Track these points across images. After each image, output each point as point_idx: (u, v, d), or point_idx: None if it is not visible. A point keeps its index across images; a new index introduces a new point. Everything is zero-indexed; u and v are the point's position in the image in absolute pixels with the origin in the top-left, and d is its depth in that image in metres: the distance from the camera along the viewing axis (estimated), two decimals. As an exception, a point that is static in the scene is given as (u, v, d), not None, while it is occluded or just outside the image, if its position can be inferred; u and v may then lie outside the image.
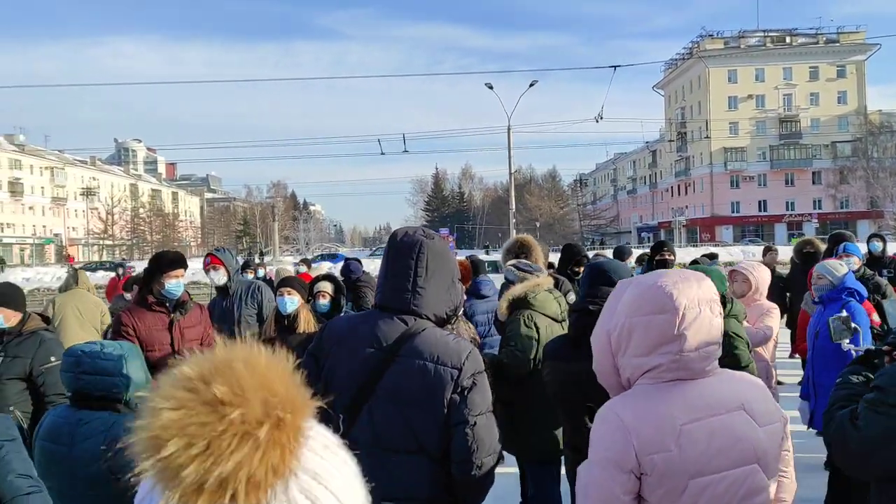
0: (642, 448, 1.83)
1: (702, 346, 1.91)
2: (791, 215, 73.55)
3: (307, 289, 4.78)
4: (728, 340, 4.10)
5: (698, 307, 1.92)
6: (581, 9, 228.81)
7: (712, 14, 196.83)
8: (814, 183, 74.66)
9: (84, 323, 7.26)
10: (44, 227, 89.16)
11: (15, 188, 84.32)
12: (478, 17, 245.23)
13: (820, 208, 73.24)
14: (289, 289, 4.51)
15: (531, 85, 39.79)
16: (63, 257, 79.30)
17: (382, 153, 40.09)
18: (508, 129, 41.91)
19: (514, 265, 4.82)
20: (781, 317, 9.69)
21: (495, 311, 4.93)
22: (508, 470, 3.75)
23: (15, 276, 32.82)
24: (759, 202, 76.01)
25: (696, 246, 55.05)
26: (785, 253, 15.58)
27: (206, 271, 5.75)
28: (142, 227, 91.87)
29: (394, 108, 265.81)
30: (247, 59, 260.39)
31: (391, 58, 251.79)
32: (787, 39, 75.95)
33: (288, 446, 0.88)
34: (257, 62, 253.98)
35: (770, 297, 9.35)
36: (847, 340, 3.68)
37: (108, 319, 7.47)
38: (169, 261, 4.34)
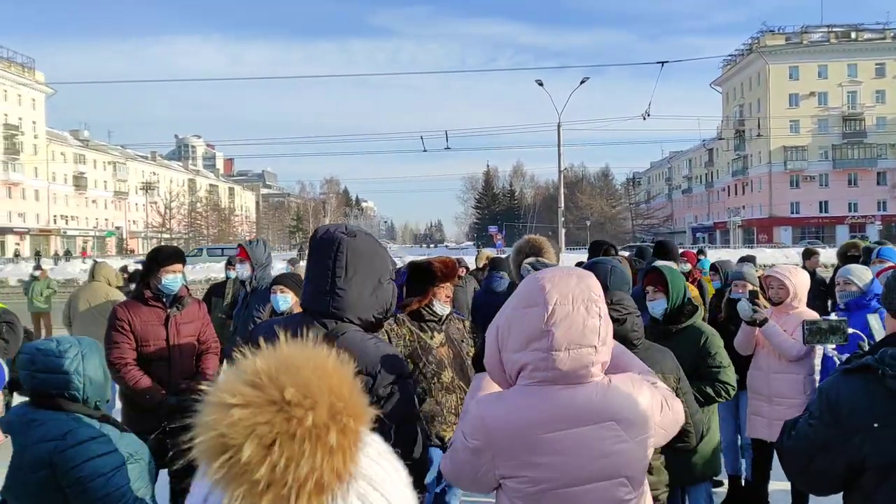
0: (500, 454, 1.81)
1: (572, 346, 1.80)
2: (854, 217, 71.09)
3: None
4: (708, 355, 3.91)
5: (571, 304, 1.82)
6: (639, 5, 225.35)
7: (774, 10, 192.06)
8: (878, 184, 72.03)
9: (97, 317, 7.44)
10: (106, 220, 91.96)
11: (79, 182, 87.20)
12: (534, 13, 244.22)
13: (884, 210, 70.58)
14: (282, 287, 4.46)
15: (582, 82, 39.30)
16: (124, 250, 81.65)
17: (425, 150, 40.12)
18: (559, 127, 41.53)
19: (531, 263, 4.69)
20: (824, 323, 9.31)
21: None
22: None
23: (73, 267, 33.90)
24: (820, 203, 73.65)
25: (752, 247, 53.60)
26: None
27: (237, 262, 5.70)
28: (199, 222, 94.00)
29: (447, 106, 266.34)
30: (304, 57, 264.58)
31: (446, 55, 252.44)
32: (853, 35, 73.33)
33: (350, 451, 0.89)
34: (313, 60, 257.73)
35: (812, 301, 9.07)
36: (832, 346, 3.44)
37: None
38: (166, 255, 4.31)
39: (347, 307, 2.26)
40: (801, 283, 4.87)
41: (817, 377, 4.73)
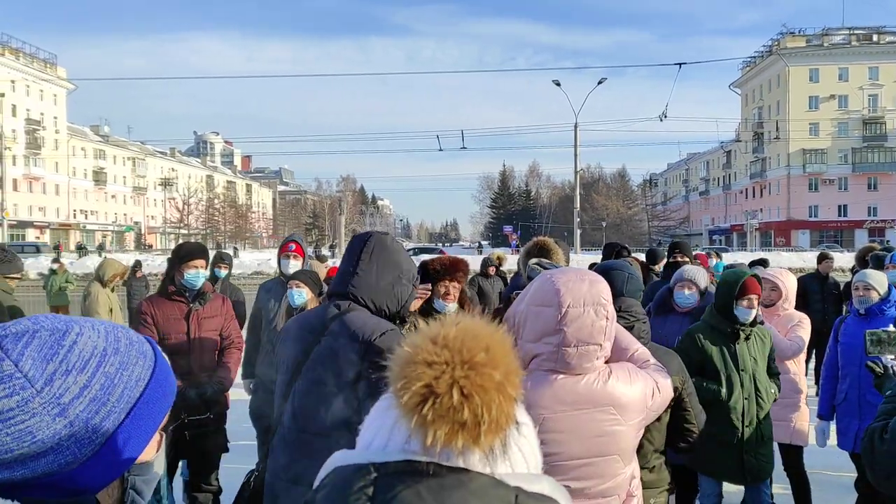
0: None
1: (581, 343, 2.03)
2: (873, 221, 70.37)
3: (319, 283, 4.77)
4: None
5: (583, 307, 2.03)
6: (658, 6, 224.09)
7: (795, 11, 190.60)
8: (899, 188, 71.24)
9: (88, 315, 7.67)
10: (125, 214, 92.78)
11: (99, 177, 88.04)
12: (554, 13, 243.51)
13: (904, 214, 69.83)
14: (297, 282, 4.53)
15: (599, 82, 39.30)
16: (142, 245, 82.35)
17: (441, 149, 40.26)
18: (575, 127, 41.49)
19: (537, 263, 4.73)
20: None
21: None
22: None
23: (92, 261, 34.26)
24: (839, 206, 72.97)
25: (770, 250, 53.22)
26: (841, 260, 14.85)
27: (284, 257, 5.26)
28: (216, 218, 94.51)
29: (464, 105, 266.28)
30: (322, 55, 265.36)
31: (464, 55, 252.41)
32: (874, 37, 72.56)
33: (517, 401, 1.12)
34: (332, 58, 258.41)
35: (826, 305, 9.05)
36: (892, 357, 3.48)
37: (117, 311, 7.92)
38: (187, 251, 4.40)
39: (364, 287, 2.48)
40: (791, 285, 5.03)
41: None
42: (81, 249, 54.65)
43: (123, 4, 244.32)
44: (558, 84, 38.98)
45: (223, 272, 7.43)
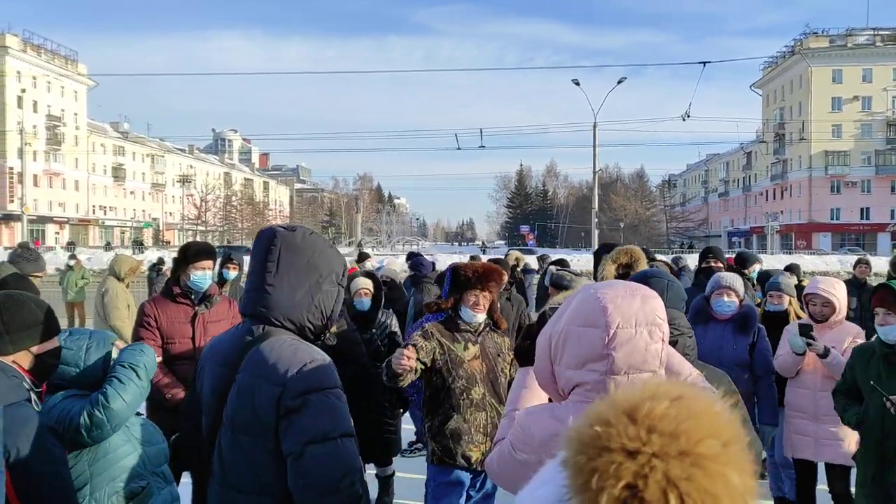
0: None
1: (632, 370, 1.69)
2: (896, 225, 69.36)
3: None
4: None
5: (634, 328, 1.69)
6: (681, 6, 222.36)
7: (818, 12, 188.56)
8: (924, 191, 70.14)
9: (102, 314, 7.50)
10: (143, 211, 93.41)
11: (118, 173, 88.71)
12: (574, 13, 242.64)
13: (929, 218, 68.74)
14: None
15: (619, 82, 38.93)
16: (160, 241, 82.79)
17: (459, 148, 40.07)
18: (594, 127, 41.13)
19: (561, 269, 4.52)
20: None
21: None
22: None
23: (109, 257, 34.39)
24: (862, 209, 71.92)
25: (790, 253, 52.55)
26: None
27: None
28: (233, 215, 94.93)
29: (483, 104, 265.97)
30: (341, 54, 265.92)
31: (483, 54, 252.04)
32: (900, 38, 71.50)
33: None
34: (350, 57, 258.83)
35: (863, 312, 8.73)
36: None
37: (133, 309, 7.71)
38: (195, 252, 4.20)
39: (275, 306, 2.07)
40: (844, 296, 4.72)
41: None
42: (139, 245, 54.20)
43: (145, 2, 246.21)
44: (577, 83, 38.63)
45: (232, 273, 7.06)
